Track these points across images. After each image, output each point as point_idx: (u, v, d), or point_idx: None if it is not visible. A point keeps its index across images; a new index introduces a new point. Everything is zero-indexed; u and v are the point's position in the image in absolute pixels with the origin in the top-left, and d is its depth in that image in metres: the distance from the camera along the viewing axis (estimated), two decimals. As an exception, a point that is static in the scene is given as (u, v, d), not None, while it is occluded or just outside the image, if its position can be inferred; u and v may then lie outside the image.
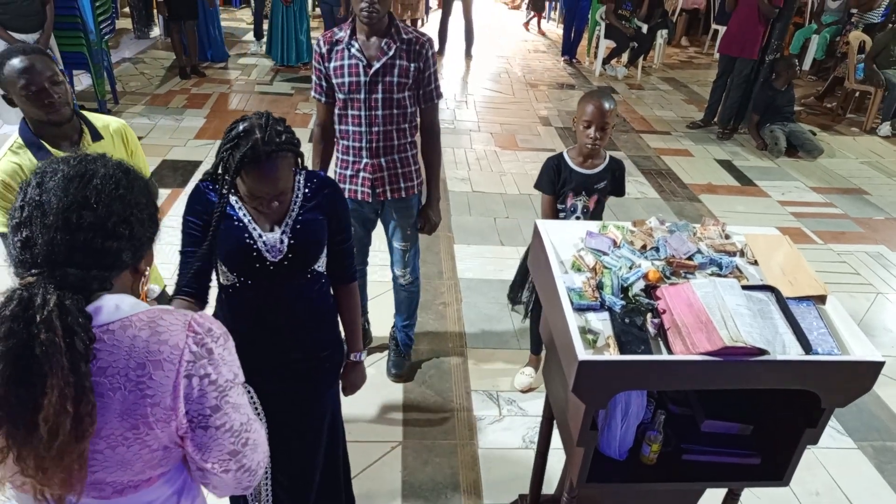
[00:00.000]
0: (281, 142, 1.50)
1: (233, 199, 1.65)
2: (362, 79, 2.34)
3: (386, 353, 3.07)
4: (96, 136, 2.05)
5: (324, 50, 2.39)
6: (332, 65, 2.37)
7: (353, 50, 2.33)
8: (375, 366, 3.03)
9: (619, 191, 2.60)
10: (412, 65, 2.36)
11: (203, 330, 1.02)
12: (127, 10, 8.76)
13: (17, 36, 4.49)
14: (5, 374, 0.88)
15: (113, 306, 0.98)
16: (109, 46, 6.38)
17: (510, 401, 2.91)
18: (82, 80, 6.44)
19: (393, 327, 3.05)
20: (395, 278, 2.87)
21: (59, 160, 0.99)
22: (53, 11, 4.81)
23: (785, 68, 6.02)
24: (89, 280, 0.96)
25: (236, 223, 1.64)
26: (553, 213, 2.60)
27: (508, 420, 2.81)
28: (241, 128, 1.50)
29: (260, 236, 1.64)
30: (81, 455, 0.93)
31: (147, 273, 1.11)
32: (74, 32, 5.41)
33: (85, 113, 2.10)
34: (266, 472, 1.53)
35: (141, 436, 0.98)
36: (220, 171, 1.53)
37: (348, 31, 2.35)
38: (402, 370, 2.98)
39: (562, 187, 2.55)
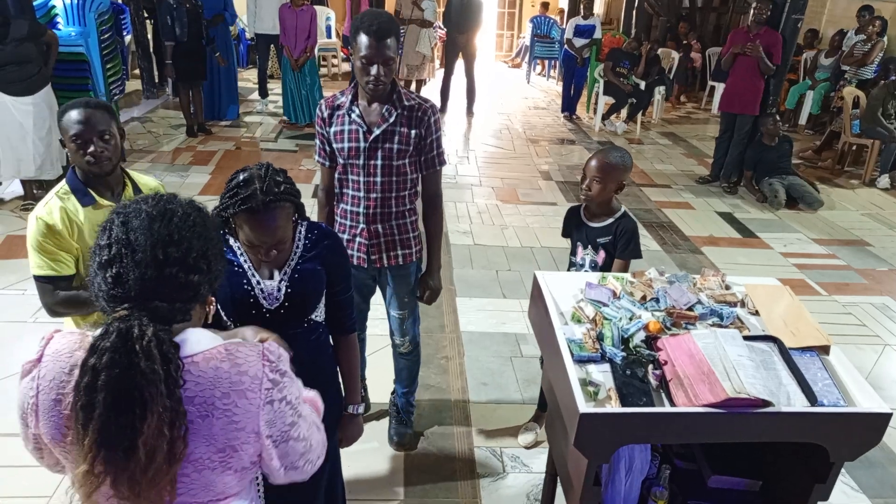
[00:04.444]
0: (280, 192, 1.53)
1: (234, 244, 1.66)
2: (361, 144, 2.29)
3: (387, 416, 2.97)
4: (137, 190, 2.15)
5: (325, 114, 2.35)
6: (332, 129, 2.33)
7: (353, 115, 2.29)
8: (376, 429, 2.96)
9: (622, 252, 2.43)
10: (413, 131, 2.30)
11: (275, 357, 1.11)
12: (137, 71, 9.03)
13: (11, 99, 4.64)
14: (107, 402, 0.95)
15: (195, 339, 1.07)
16: (119, 107, 6.53)
17: (514, 457, 2.85)
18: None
19: (393, 393, 2.96)
20: (394, 346, 2.79)
21: (138, 201, 1.08)
22: (54, 58, 4.93)
23: (767, 124, 6.11)
24: (174, 312, 1.05)
25: (236, 269, 1.66)
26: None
27: (512, 477, 2.74)
28: (241, 178, 1.54)
29: (258, 283, 1.65)
30: (173, 478, 1.00)
31: (211, 307, 1.19)
32: (84, 94, 5.54)
33: (129, 171, 2.19)
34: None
35: (226, 458, 1.06)
36: (220, 217, 1.55)
37: (350, 96, 2.31)
38: (405, 438, 2.87)
39: (572, 236, 2.62)
